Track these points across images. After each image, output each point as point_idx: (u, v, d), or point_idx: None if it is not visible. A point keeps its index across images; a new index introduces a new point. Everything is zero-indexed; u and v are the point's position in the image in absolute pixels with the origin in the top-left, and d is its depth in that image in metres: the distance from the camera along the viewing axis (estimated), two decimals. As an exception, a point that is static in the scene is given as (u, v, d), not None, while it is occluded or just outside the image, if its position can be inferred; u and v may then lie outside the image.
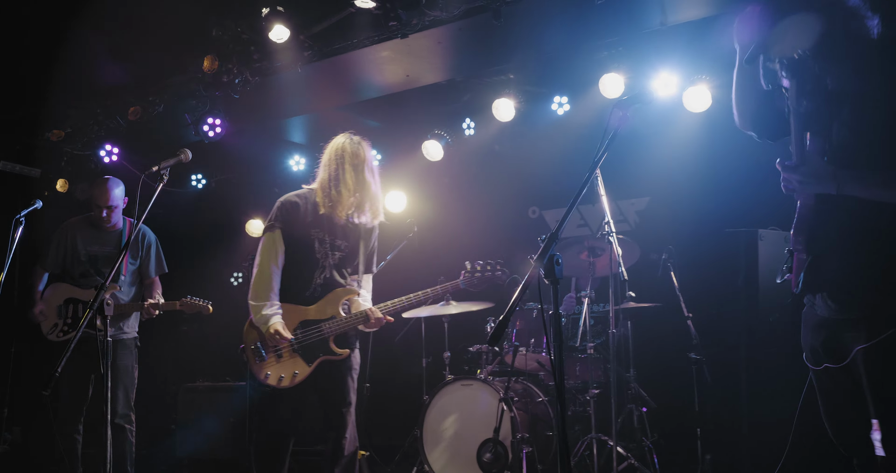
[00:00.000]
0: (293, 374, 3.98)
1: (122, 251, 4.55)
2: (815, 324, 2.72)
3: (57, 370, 3.41)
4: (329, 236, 4.07)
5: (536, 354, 5.54)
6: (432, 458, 5.33)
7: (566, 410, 2.60)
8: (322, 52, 5.72)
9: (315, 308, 4.04)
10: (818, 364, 2.72)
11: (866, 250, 2.47)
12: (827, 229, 2.53)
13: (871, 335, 2.47)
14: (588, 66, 6.00)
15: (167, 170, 3.84)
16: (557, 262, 2.55)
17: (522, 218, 7.54)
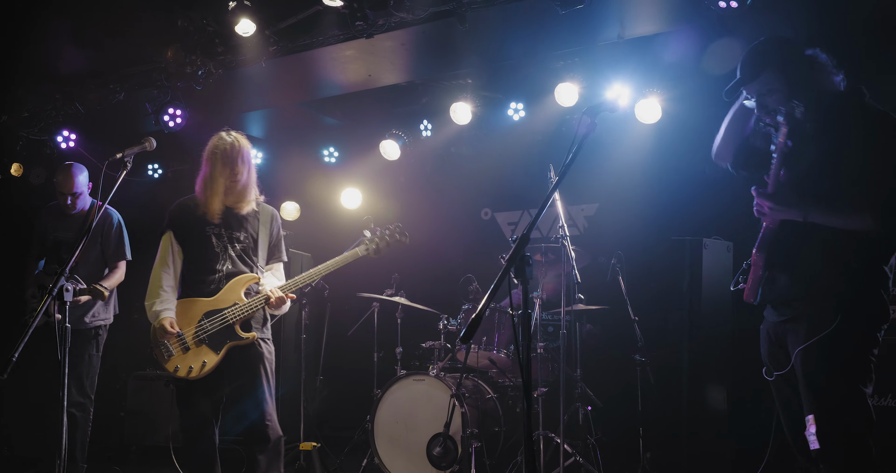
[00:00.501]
0: (202, 363, 4.05)
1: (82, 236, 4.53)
2: (767, 336, 3.17)
3: (14, 356, 3.40)
4: (225, 229, 4.20)
5: (488, 351, 5.67)
6: (382, 450, 5.43)
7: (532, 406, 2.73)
8: (287, 48, 5.77)
9: (217, 298, 4.13)
10: (771, 375, 3.11)
11: (817, 268, 2.94)
12: (787, 248, 3.00)
13: (808, 337, 2.89)
14: (544, 74, 6.19)
15: (131, 157, 3.80)
16: (528, 262, 2.68)
17: (475, 219, 7.68)
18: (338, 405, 7.07)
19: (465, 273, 6.05)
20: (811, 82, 3.03)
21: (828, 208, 2.90)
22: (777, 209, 2.97)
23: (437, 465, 5.17)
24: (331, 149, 7.59)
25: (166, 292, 4.11)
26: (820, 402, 2.88)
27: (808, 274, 2.97)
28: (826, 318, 2.89)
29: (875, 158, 2.87)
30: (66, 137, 6.96)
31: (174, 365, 4.04)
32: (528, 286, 2.75)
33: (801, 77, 3.02)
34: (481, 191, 7.51)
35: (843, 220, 2.90)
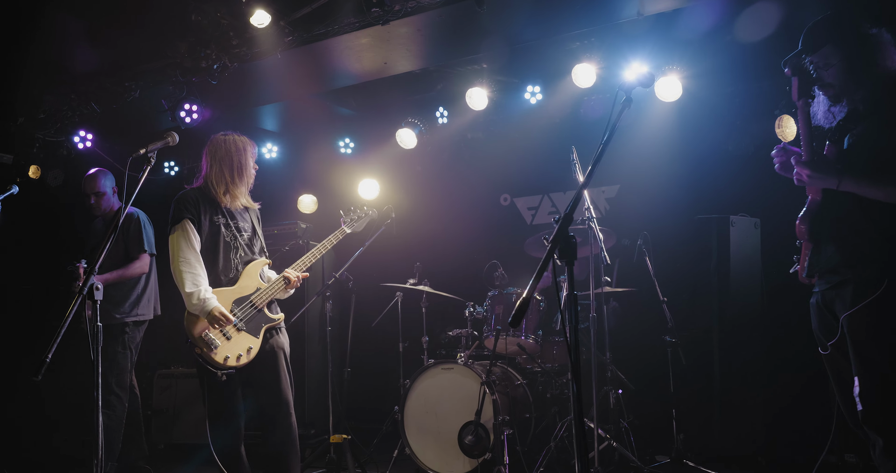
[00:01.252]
0: (248, 348, 4.14)
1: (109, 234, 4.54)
2: (818, 307, 3.21)
3: (47, 357, 3.38)
4: (231, 220, 4.34)
5: (516, 338, 5.63)
6: (413, 441, 5.40)
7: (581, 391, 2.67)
8: (302, 39, 5.72)
9: (239, 285, 4.24)
10: (826, 348, 3.16)
11: (862, 235, 3.02)
12: (832, 217, 3.09)
13: (854, 302, 2.99)
14: (561, 56, 6.11)
15: (154, 153, 3.77)
16: (573, 241, 2.64)
17: (494, 205, 7.63)
18: (366, 396, 7.04)
19: (487, 260, 6.01)
20: (871, 61, 3.08)
21: (862, 177, 2.99)
22: (815, 177, 3.07)
23: (470, 453, 5.14)
24: (346, 140, 7.54)
25: (205, 278, 4.13)
26: (865, 364, 2.96)
27: (852, 241, 3.05)
28: (871, 283, 2.97)
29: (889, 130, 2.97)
30: (83, 138, 6.93)
31: (223, 355, 4.06)
32: (572, 267, 2.70)
33: (860, 55, 3.08)
34: (500, 177, 7.46)
35: (877, 189, 2.98)
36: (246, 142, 4.48)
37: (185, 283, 4.08)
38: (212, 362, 4.06)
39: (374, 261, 6.16)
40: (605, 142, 2.98)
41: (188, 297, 4.07)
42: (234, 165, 4.35)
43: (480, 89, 6.43)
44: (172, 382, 6.58)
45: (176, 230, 4.19)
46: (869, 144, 3.02)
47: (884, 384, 2.91)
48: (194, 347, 4.07)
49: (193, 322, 4.07)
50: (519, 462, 5.08)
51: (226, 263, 4.25)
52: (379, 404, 6.61)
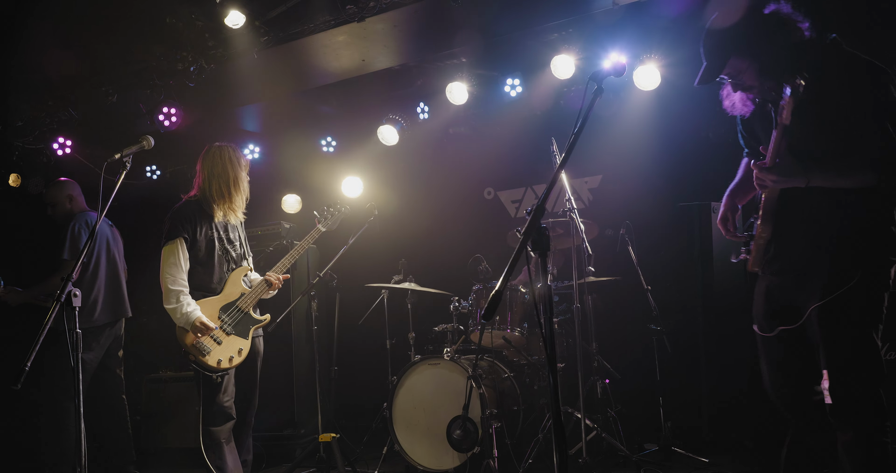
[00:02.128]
0: (238, 350, 4.48)
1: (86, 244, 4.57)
2: (771, 294, 3.15)
3: (26, 365, 3.38)
4: (223, 233, 4.57)
5: (502, 331, 5.64)
6: (402, 437, 5.40)
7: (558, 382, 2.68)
8: (278, 38, 5.70)
9: (224, 293, 4.52)
10: (772, 330, 3.09)
11: (831, 227, 2.95)
12: (796, 212, 3.00)
13: (825, 294, 2.90)
14: (539, 48, 6.10)
15: (130, 157, 3.78)
16: (545, 233, 2.65)
17: (479, 199, 7.62)
18: (354, 394, 7.04)
19: (472, 254, 6.01)
20: (782, 47, 2.95)
21: (829, 169, 2.88)
22: (781, 181, 2.92)
23: (459, 448, 5.14)
24: (328, 138, 7.52)
25: (186, 294, 4.35)
26: (836, 357, 2.89)
27: (821, 233, 2.97)
28: (845, 275, 2.88)
29: (867, 111, 2.82)
30: (62, 144, 6.91)
31: (216, 359, 4.36)
32: (546, 259, 2.70)
33: (767, 45, 2.95)
34: (483, 170, 7.45)
35: (845, 178, 2.89)
36: (241, 155, 4.69)
37: (168, 299, 4.33)
38: (206, 366, 4.34)
39: (359, 259, 6.16)
40: (576, 133, 2.98)
41: (171, 312, 4.33)
42: (230, 181, 4.55)
43: (460, 84, 6.42)
44: (161, 386, 6.57)
45: (167, 246, 4.39)
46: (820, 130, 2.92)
47: (855, 377, 2.86)
48: (188, 354, 4.35)
49: (184, 333, 4.33)
50: (508, 455, 5.08)
51: (220, 275, 4.53)
52: (368, 401, 6.60)
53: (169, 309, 4.32)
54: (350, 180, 7.13)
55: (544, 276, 2.77)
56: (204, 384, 4.37)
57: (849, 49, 2.95)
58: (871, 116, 2.82)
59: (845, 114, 2.85)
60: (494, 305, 2.57)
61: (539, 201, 2.74)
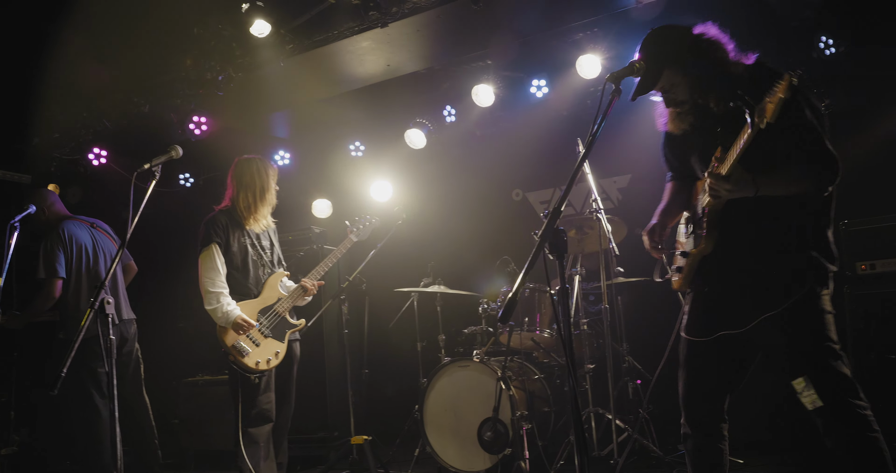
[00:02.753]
0: (276, 353, 4.66)
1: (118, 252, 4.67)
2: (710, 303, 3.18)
3: (63, 371, 3.46)
4: (255, 239, 4.78)
5: (531, 332, 5.64)
6: (434, 439, 5.43)
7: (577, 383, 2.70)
8: (304, 45, 5.78)
9: (262, 297, 4.72)
10: (710, 334, 3.11)
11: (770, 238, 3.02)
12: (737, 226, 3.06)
13: (776, 305, 2.95)
14: (565, 48, 6.09)
15: (159, 167, 3.88)
16: (563, 236, 2.66)
17: (507, 201, 7.62)
18: (386, 396, 7.09)
19: (500, 256, 6.01)
20: (711, 63, 3.05)
21: (775, 177, 2.95)
22: (735, 190, 2.94)
23: (489, 450, 5.15)
24: (357, 143, 7.58)
25: (226, 295, 4.56)
26: (807, 359, 2.95)
27: (770, 243, 3.03)
28: (797, 281, 2.96)
29: (803, 124, 2.94)
30: (98, 155, 7.08)
31: (254, 360, 4.54)
32: (563, 261, 2.72)
33: (698, 63, 3.05)
34: (510, 172, 7.45)
35: (787, 186, 2.96)
36: (268, 166, 4.86)
37: (208, 301, 4.53)
38: (245, 367, 4.52)
39: (388, 262, 6.20)
40: (594, 134, 2.97)
41: (212, 313, 4.53)
42: (257, 192, 4.75)
43: (486, 86, 6.44)
44: (197, 390, 6.66)
45: (203, 252, 4.61)
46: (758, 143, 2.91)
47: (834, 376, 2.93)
48: (228, 355, 4.53)
49: (224, 333, 4.53)
50: (539, 457, 5.09)
51: (255, 279, 4.73)
52: (399, 403, 6.64)
53: (210, 310, 4.51)
54: (379, 184, 7.19)
55: (562, 278, 2.78)
56: (243, 385, 4.52)
57: (770, 66, 3.07)
58: (807, 128, 2.95)
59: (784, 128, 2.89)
60: (510, 309, 2.61)
61: (555, 204, 2.75)
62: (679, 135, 3.31)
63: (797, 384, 2.93)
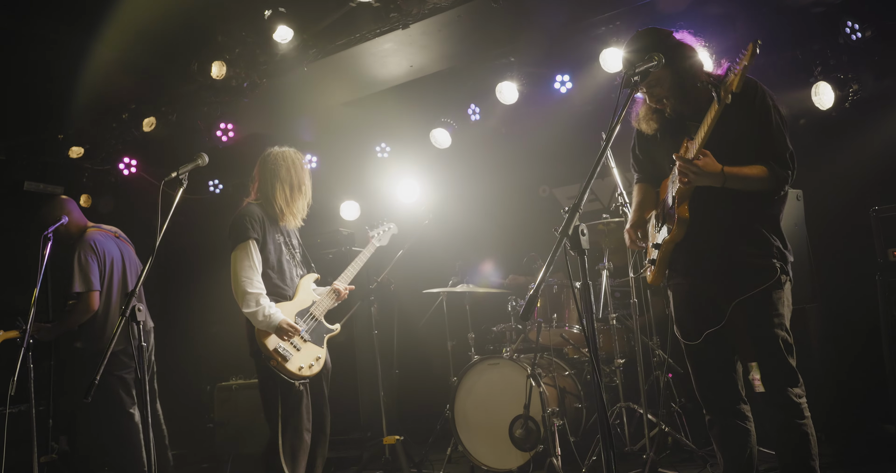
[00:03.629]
0: (317, 358, 4.39)
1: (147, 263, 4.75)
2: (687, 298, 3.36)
3: (96, 379, 3.52)
4: (286, 238, 4.49)
5: (560, 328, 5.63)
6: (465, 437, 5.45)
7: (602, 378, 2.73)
8: (326, 50, 5.82)
9: (298, 299, 4.44)
10: (699, 336, 3.27)
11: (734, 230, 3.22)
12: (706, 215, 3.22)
13: (744, 291, 3.15)
14: (588, 42, 6.07)
15: (186, 174, 3.89)
16: (582, 233, 2.67)
17: (533, 197, 7.62)
18: (417, 396, 7.12)
19: (528, 252, 6.01)
20: (691, 66, 3.26)
21: (739, 173, 3.11)
22: (702, 174, 3.08)
23: (521, 447, 5.16)
24: (382, 144, 7.61)
25: (265, 296, 4.23)
26: (764, 347, 3.16)
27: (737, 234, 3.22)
28: (765, 269, 3.17)
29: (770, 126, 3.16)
30: (128, 164, 7.20)
31: (297, 365, 4.26)
32: (584, 258, 2.73)
33: (681, 64, 3.24)
34: (536, 168, 7.44)
35: (756, 182, 3.13)
36: (302, 158, 4.58)
37: (247, 302, 4.18)
38: (287, 372, 4.22)
39: (416, 261, 6.24)
40: (612, 127, 3.02)
41: (252, 316, 4.19)
42: (294, 184, 4.44)
43: (510, 83, 6.43)
44: (231, 394, 6.73)
45: (238, 247, 4.25)
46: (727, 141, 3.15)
47: (784, 363, 3.14)
48: (269, 360, 4.20)
49: (265, 337, 4.22)
50: (571, 453, 5.08)
51: (291, 279, 4.44)
52: (432, 403, 6.66)
53: (249, 313, 4.18)
54: (405, 185, 7.22)
55: (583, 274, 2.78)
56: (283, 393, 4.22)
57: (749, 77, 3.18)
58: (774, 130, 3.17)
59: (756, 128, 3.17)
60: (531, 305, 2.65)
61: (575, 200, 2.78)
62: (651, 134, 3.48)
63: (752, 368, 3.26)
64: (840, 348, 5.64)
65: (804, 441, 3.16)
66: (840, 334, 5.69)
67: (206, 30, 5.87)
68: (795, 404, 3.14)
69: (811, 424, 3.17)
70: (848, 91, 5.62)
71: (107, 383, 5.12)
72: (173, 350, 7.79)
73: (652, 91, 3.31)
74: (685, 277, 3.36)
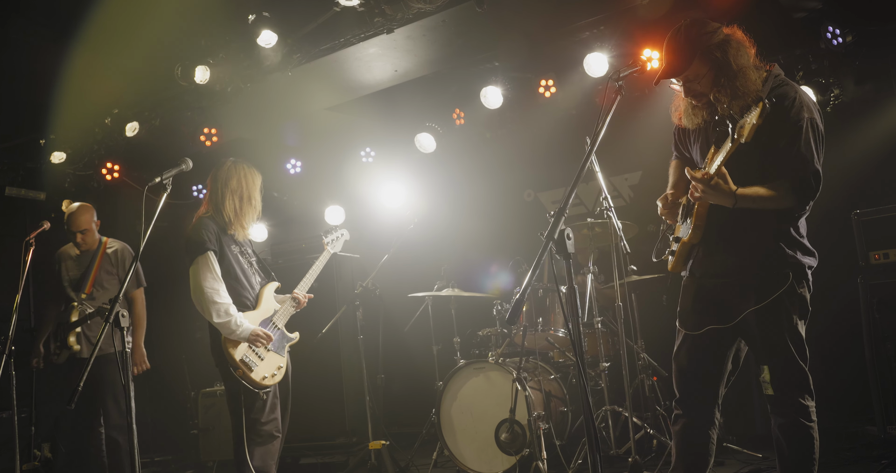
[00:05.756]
0: (279, 367, 4.42)
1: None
2: (701, 295, 3.35)
3: (80, 385, 3.50)
4: (241, 247, 4.53)
5: (545, 332, 5.63)
6: (451, 442, 5.44)
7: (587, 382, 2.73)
8: (311, 54, 5.80)
9: (262, 308, 4.46)
10: (700, 328, 3.29)
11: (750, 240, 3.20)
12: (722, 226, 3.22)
13: (759, 300, 3.15)
14: (572, 47, 6.09)
15: (170, 180, 3.89)
16: (568, 237, 2.68)
17: (518, 202, 7.63)
18: (403, 401, 7.11)
19: (513, 257, 6.02)
20: (733, 64, 3.12)
21: (754, 195, 3.05)
22: (710, 194, 3.05)
23: (507, 451, 5.15)
24: (367, 149, 7.61)
25: (233, 306, 4.25)
26: (775, 353, 3.16)
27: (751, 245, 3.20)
28: (777, 280, 3.15)
29: (801, 142, 3.06)
30: (110, 169, 7.15)
31: (262, 375, 4.29)
32: (569, 261, 2.74)
33: (724, 60, 3.12)
34: (521, 173, 7.47)
35: (769, 202, 3.09)
36: (254, 173, 4.60)
37: (217, 313, 4.20)
38: (252, 382, 4.24)
39: (401, 265, 6.23)
40: (598, 133, 3.04)
41: (222, 327, 4.20)
42: (243, 196, 4.48)
43: (494, 88, 6.43)
44: (216, 400, 6.69)
45: (199, 259, 4.27)
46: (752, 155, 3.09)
47: (794, 369, 3.15)
48: (235, 369, 4.23)
49: (233, 347, 4.23)
50: (557, 457, 5.08)
51: (251, 288, 4.46)
52: (418, 407, 6.66)
53: (220, 324, 4.18)
54: (390, 189, 7.22)
55: (569, 278, 2.80)
56: (247, 402, 4.25)
57: (786, 79, 3.18)
58: (802, 147, 3.06)
59: (785, 144, 3.08)
60: (517, 309, 2.65)
61: (560, 205, 2.80)
62: (690, 129, 3.42)
63: (763, 370, 3.17)
64: (822, 350, 5.65)
65: (809, 445, 3.14)
66: (822, 336, 5.72)
67: (190, 34, 5.84)
68: (804, 406, 3.14)
69: (817, 429, 3.16)
70: (829, 95, 5.67)
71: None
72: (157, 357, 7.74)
73: (690, 86, 3.23)
74: (700, 279, 3.35)
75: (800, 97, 3.12)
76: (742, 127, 2.90)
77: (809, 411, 3.15)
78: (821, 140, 3.13)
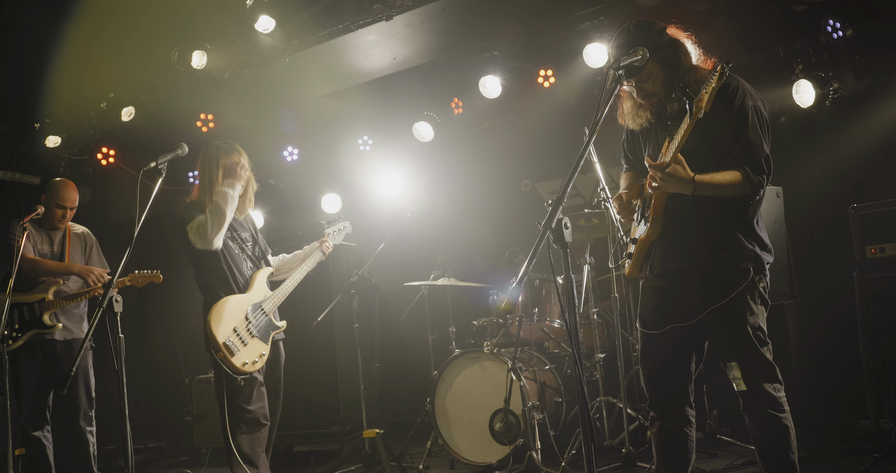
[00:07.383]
0: (261, 354, 4.40)
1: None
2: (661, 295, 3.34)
3: (72, 370, 3.49)
4: (233, 232, 4.51)
5: (541, 323, 5.63)
6: (445, 431, 5.44)
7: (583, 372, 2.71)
8: (309, 41, 5.76)
9: (252, 292, 4.47)
10: (662, 327, 3.28)
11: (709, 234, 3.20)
12: (680, 218, 3.21)
13: (721, 297, 3.16)
14: (571, 37, 6.06)
15: (165, 165, 3.86)
16: (565, 226, 2.66)
17: (515, 192, 7.62)
18: (398, 390, 7.11)
19: (510, 247, 6.01)
20: (683, 61, 3.19)
21: (711, 181, 3.06)
22: (669, 181, 3.05)
23: (501, 441, 5.16)
24: (365, 137, 7.59)
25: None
26: (741, 347, 3.16)
27: (711, 238, 3.20)
28: (739, 274, 3.16)
29: (748, 129, 3.09)
30: (106, 154, 7.12)
31: (242, 361, 4.27)
32: (567, 251, 2.72)
33: (675, 58, 3.18)
34: (519, 163, 7.45)
35: (728, 189, 3.09)
36: (240, 153, 4.52)
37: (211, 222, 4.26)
38: (232, 366, 4.24)
39: (397, 255, 6.21)
40: (597, 122, 3.00)
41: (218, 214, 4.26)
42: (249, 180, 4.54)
43: (493, 77, 6.41)
44: (210, 387, 6.68)
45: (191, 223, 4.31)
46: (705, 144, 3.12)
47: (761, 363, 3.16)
48: (217, 351, 4.22)
49: (216, 329, 4.23)
50: (551, 447, 5.09)
51: (240, 274, 4.46)
52: (412, 396, 6.67)
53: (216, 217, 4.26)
54: (387, 178, 7.20)
55: (566, 268, 2.78)
56: (229, 387, 4.29)
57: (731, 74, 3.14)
58: (751, 134, 3.10)
59: (732, 131, 3.11)
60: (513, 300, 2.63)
61: (558, 193, 2.76)
62: (637, 131, 3.46)
63: (732, 367, 3.17)
64: (818, 344, 5.69)
65: (784, 435, 3.17)
66: (818, 330, 5.75)
67: (186, 18, 5.80)
68: (774, 397, 3.16)
69: (790, 418, 3.18)
70: (829, 89, 5.66)
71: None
72: (151, 343, 7.74)
73: (642, 86, 3.25)
74: (658, 278, 3.34)
75: (742, 85, 3.17)
76: (700, 99, 2.90)
77: (780, 401, 3.17)
78: (767, 128, 3.17)
